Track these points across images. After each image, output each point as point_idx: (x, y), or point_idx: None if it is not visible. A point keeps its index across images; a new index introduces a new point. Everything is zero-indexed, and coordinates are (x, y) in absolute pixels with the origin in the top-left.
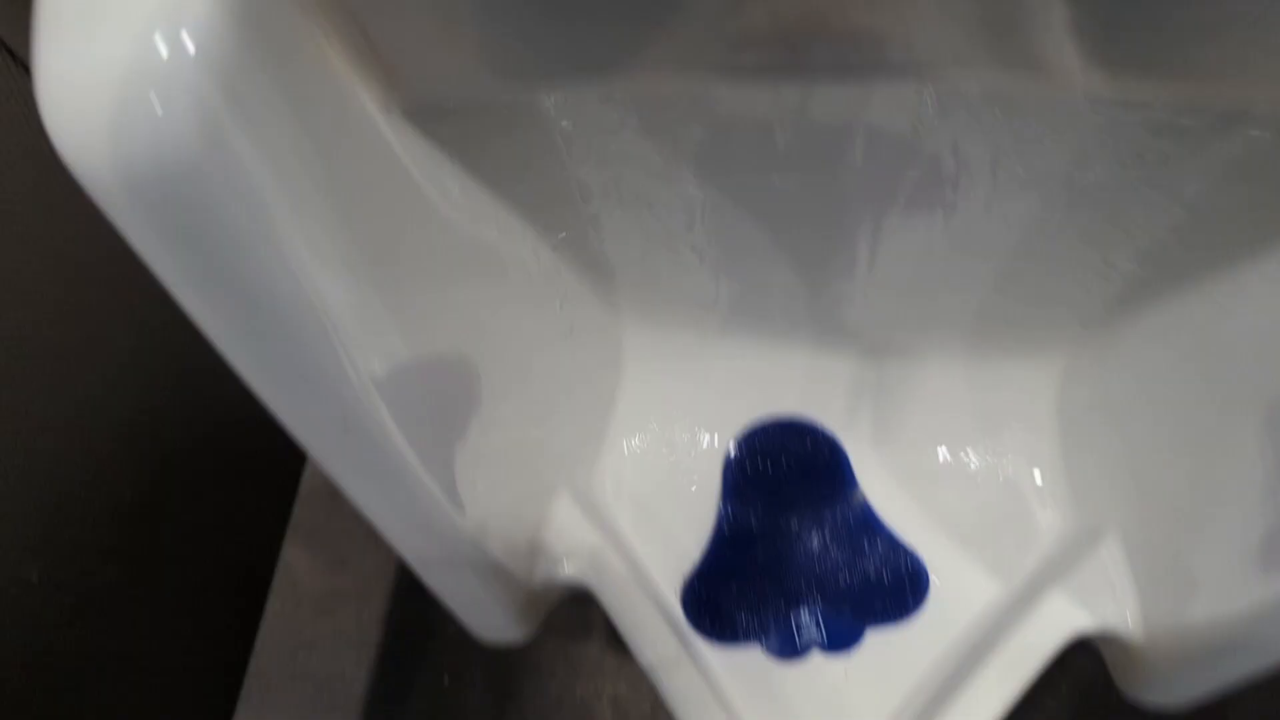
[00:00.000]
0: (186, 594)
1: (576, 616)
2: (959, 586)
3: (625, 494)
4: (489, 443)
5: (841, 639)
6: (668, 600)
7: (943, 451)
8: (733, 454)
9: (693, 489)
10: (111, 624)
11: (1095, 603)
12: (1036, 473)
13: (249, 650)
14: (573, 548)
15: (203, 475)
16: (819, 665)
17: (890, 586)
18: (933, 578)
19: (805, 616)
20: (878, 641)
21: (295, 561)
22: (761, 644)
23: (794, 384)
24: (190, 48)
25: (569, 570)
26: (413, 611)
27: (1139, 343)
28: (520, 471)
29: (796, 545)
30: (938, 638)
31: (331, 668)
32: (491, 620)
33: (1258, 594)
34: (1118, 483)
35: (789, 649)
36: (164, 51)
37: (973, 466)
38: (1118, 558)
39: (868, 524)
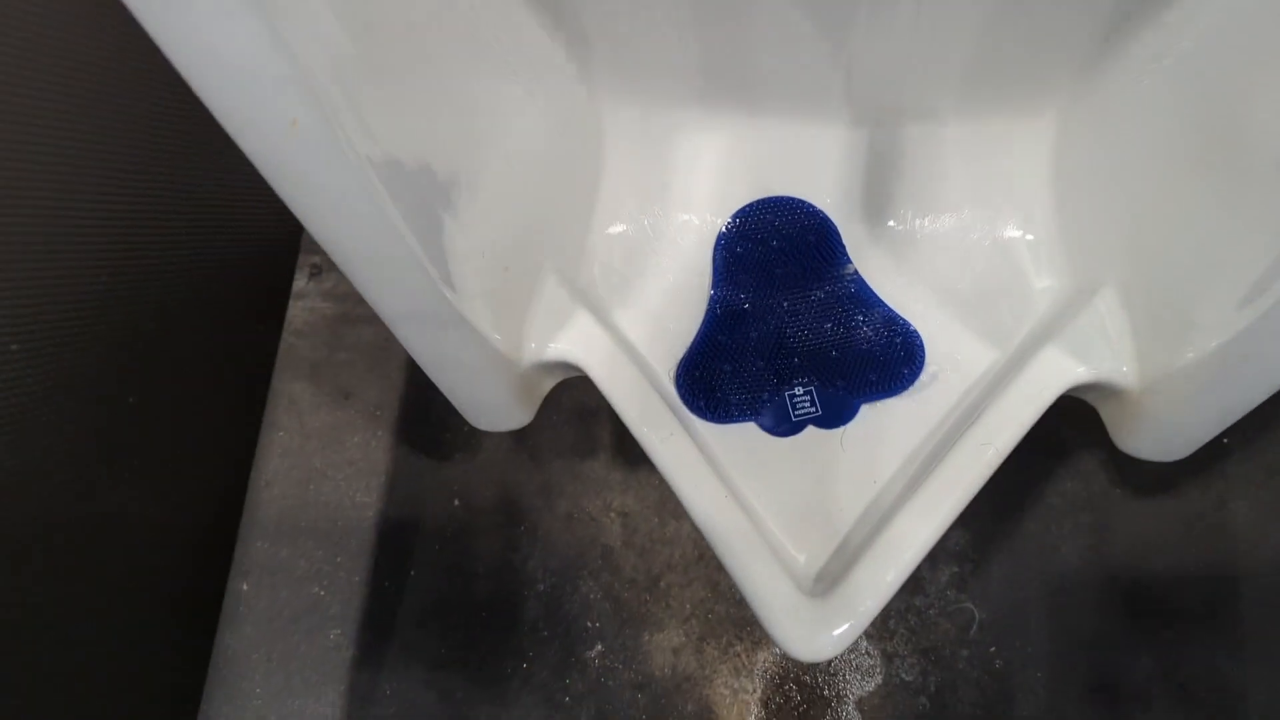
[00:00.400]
0: (191, 412)
1: (583, 436)
2: (954, 356)
3: (614, 279)
4: (474, 223)
5: (836, 413)
6: (661, 381)
7: (936, 220)
8: (722, 236)
9: (682, 272)
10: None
11: (1091, 354)
12: (1032, 236)
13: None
14: (561, 327)
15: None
16: (813, 438)
17: (885, 359)
18: (927, 348)
19: (800, 393)
20: (873, 414)
21: (299, 395)
22: (757, 421)
23: (781, 161)
24: None
25: (558, 348)
26: (420, 440)
27: (1131, 84)
28: (506, 253)
29: (789, 323)
30: (933, 406)
31: (343, 495)
32: (487, 403)
33: (1249, 321)
34: (1114, 236)
35: (783, 424)
36: None
37: (967, 233)
38: (1114, 309)
39: (861, 298)
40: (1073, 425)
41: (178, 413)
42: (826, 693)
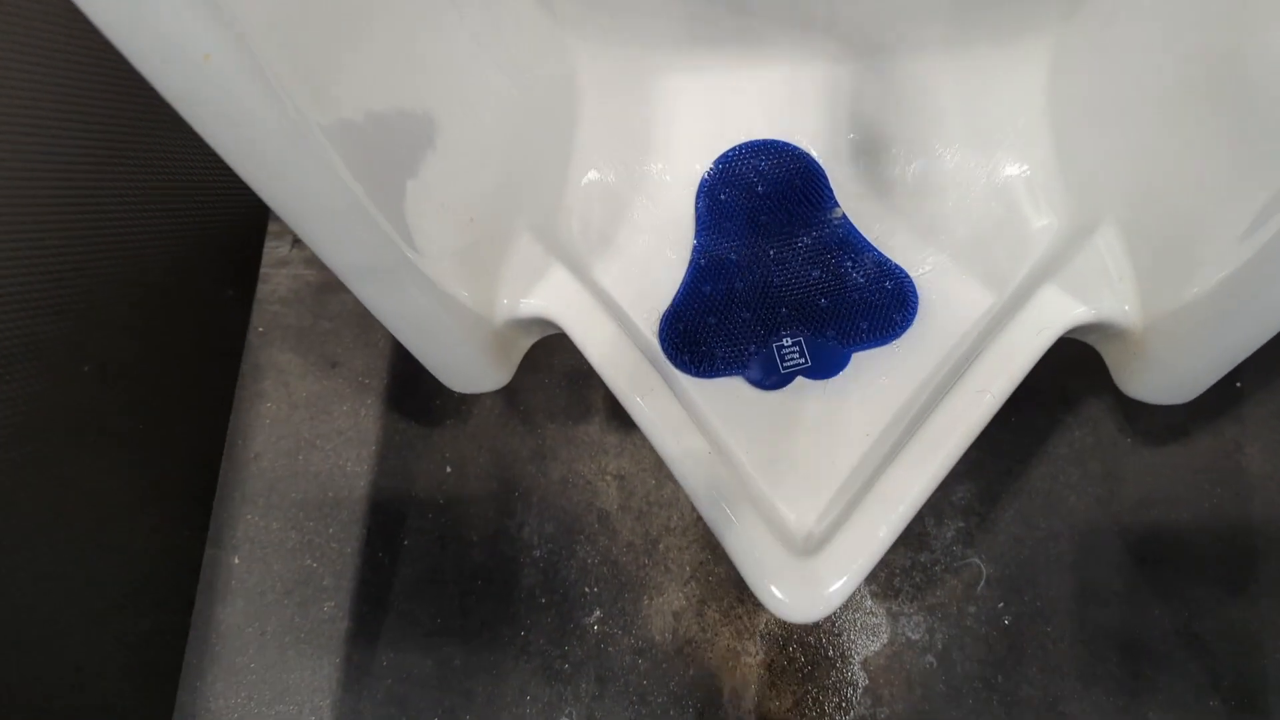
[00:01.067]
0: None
1: (576, 399)
2: (948, 302)
3: (592, 231)
4: (436, 177)
5: (826, 364)
6: (643, 336)
7: (928, 159)
8: (704, 182)
9: (664, 222)
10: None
11: (1091, 293)
12: (1029, 171)
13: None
14: (536, 282)
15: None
16: (803, 390)
17: (876, 306)
18: (921, 294)
19: (788, 344)
20: (865, 363)
21: (286, 365)
22: (744, 375)
23: (764, 102)
24: None
25: (532, 304)
26: (410, 407)
27: (1125, 7)
28: (471, 205)
29: (776, 272)
30: (927, 354)
31: (333, 464)
32: (460, 363)
33: (1251, 254)
34: (1114, 170)
35: (771, 376)
36: None
37: (960, 171)
38: (1114, 247)
39: (850, 243)
40: (1077, 373)
41: (147, 382)
42: (831, 653)
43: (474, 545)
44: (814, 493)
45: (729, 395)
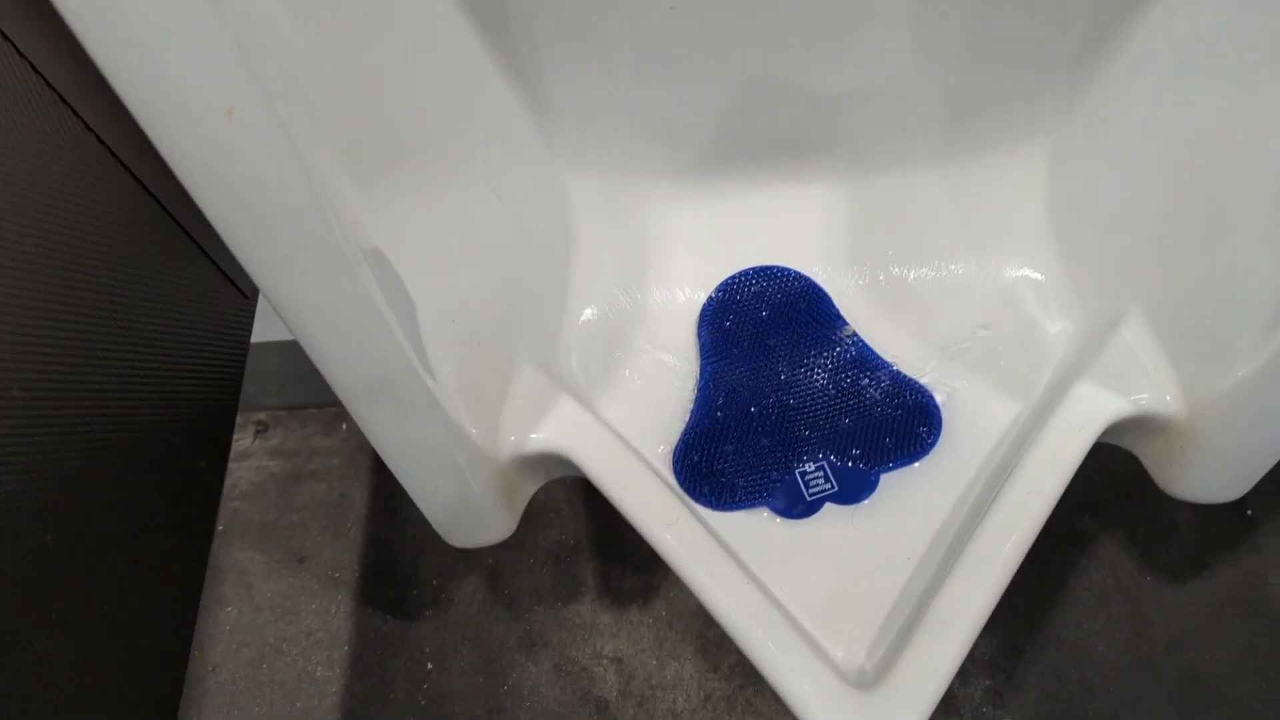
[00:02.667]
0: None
1: (564, 578)
2: (973, 414)
3: (593, 368)
4: (448, 299)
5: (855, 487)
6: (658, 471)
7: (932, 271)
8: (706, 311)
9: (668, 353)
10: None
11: (1128, 385)
12: (1036, 276)
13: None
14: (543, 415)
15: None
16: (834, 517)
17: (899, 424)
18: (944, 408)
19: (812, 469)
20: (895, 484)
21: (249, 565)
22: (768, 505)
23: (761, 228)
24: None
25: (541, 439)
26: (385, 600)
27: (1116, 104)
28: (481, 334)
29: (791, 395)
30: (959, 470)
31: (301, 670)
32: (463, 508)
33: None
34: (1128, 263)
35: (798, 506)
36: None
37: (966, 281)
38: (1143, 337)
39: (864, 360)
40: (1085, 510)
41: (103, 563)
42: None
43: None
44: (861, 626)
45: (754, 528)
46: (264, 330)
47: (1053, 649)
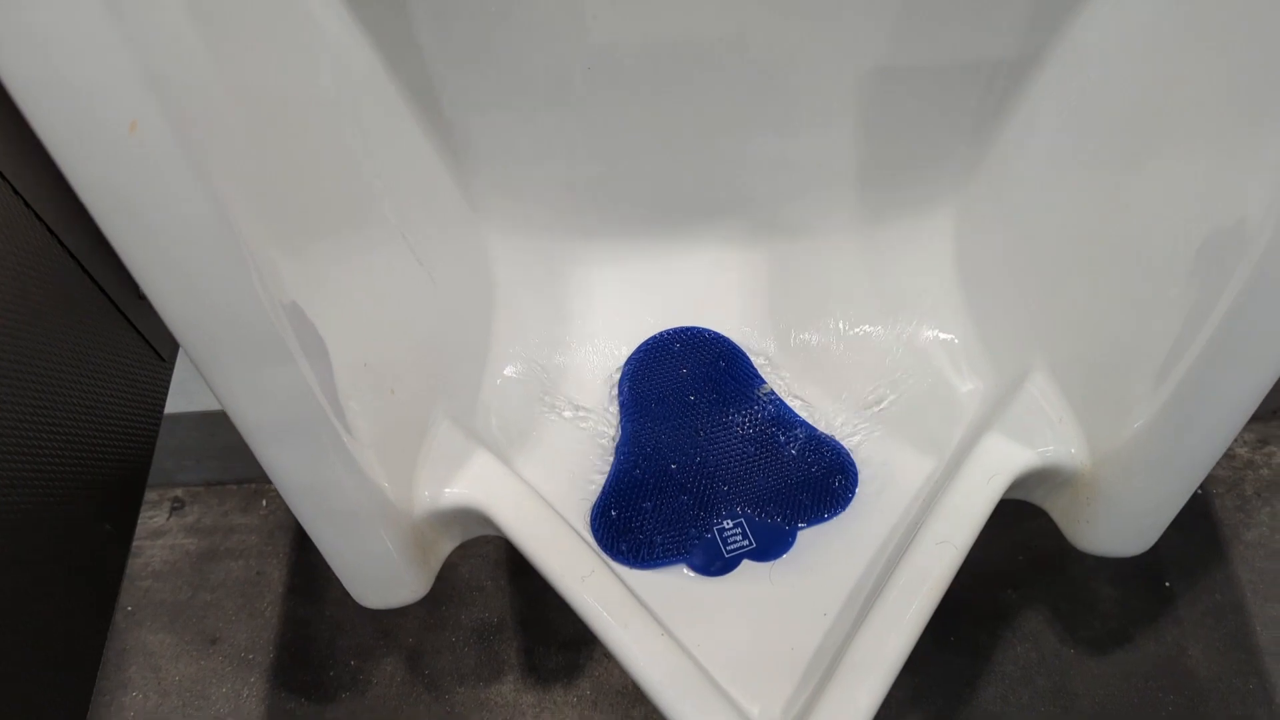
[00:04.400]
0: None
1: (486, 657)
2: (889, 472)
3: (511, 428)
4: (362, 341)
5: (772, 544)
6: (576, 528)
7: (846, 332)
8: (626, 370)
9: (587, 412)
10: None
11: (1035, 438)
12: (947, 337)
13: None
14: (458, 470)
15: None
16: (751, 574)
17: (816, 481)
18: (860, 466)
19: (730, 526)
20: (812, 541)
21: (157, 647)
22: (686, 562)
23: (680, 289)
24: None
25: (455, 493)
26: (299, 683)
27: (1013, 171)
28: (397, 382)
29: (710, 452)
30: (874, 526)
31: None
32: (375, 565)
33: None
34: (1032, 322)
35: (716, 563)
36: None
37: (879, 342)
38: (1048, 392)
39: (781, 418)
40: (1008, 584)
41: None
42: None
43: None
44: (778, 681)
45: (671, 585)
46: (181, 402)
47: None
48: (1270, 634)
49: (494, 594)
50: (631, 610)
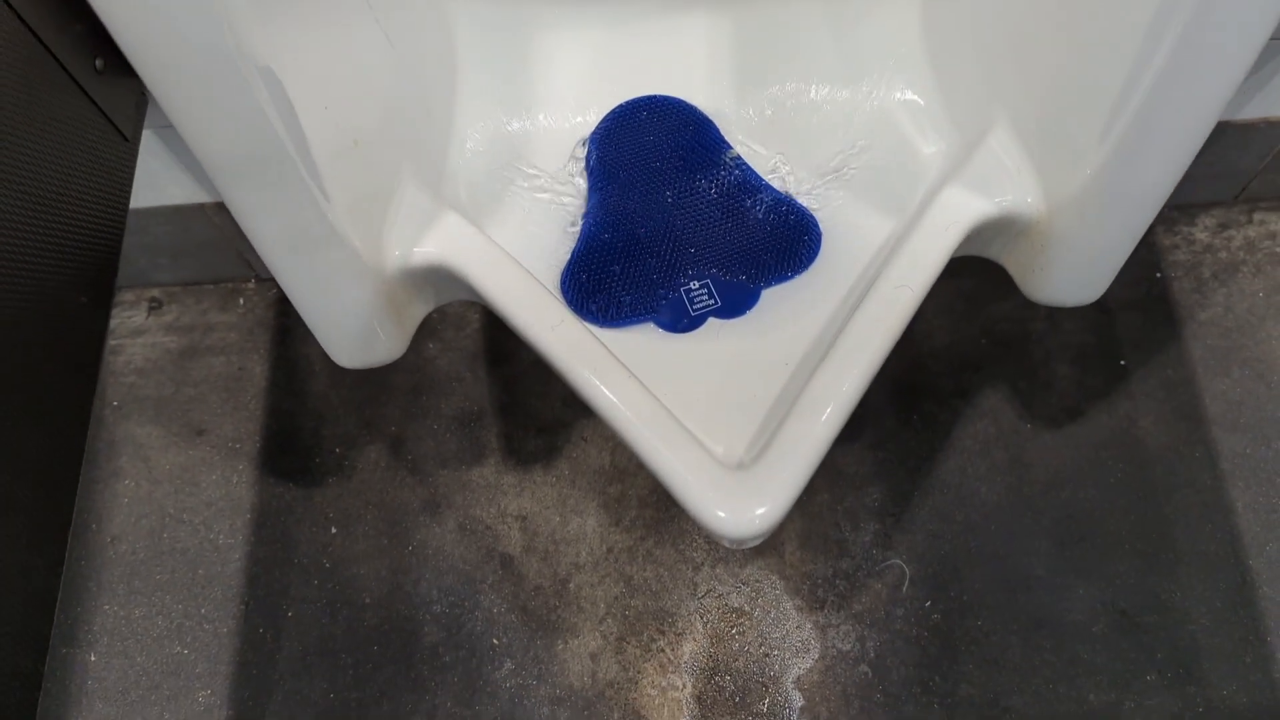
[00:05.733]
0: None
1: (468, 442)
2: (851, 232)
3: (480, 194)
4: (323, 86)
5: (736, 302)
6: (546, 286)
7: (813, 96)
8: (594, 137)
9: (554, 179)
10: None
11: (992, 187)
12: (912, 98)
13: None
14: (427, 229)
15: None
16: (717, 331)
17: (781, 241)
18: (823, 227)
19: (696, 286)
20: (776, 299)
21: (145, 439)
22: (654, 320)
23: (647, 56)
24: None
25: (426, 252)
26: (287, 468)
27: None
28: (360, 134)
29: (677, 216)
30: (835, 284)
31: (203, 539)
32: (350, 322)
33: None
34: (994, 78)
35: (682, 320)
36: None
37: (846, 107)
38: (1008, 144)
39: (747, 183)
40: (972, 367)
41: None
42: (761, 677)
43: (367, 608)
44: (740, 425)
45: (640, 343)
46: (151, 196)
47: (937, 494)
48: (1218, 406)
49: (473, 384)
50: (600, 355)
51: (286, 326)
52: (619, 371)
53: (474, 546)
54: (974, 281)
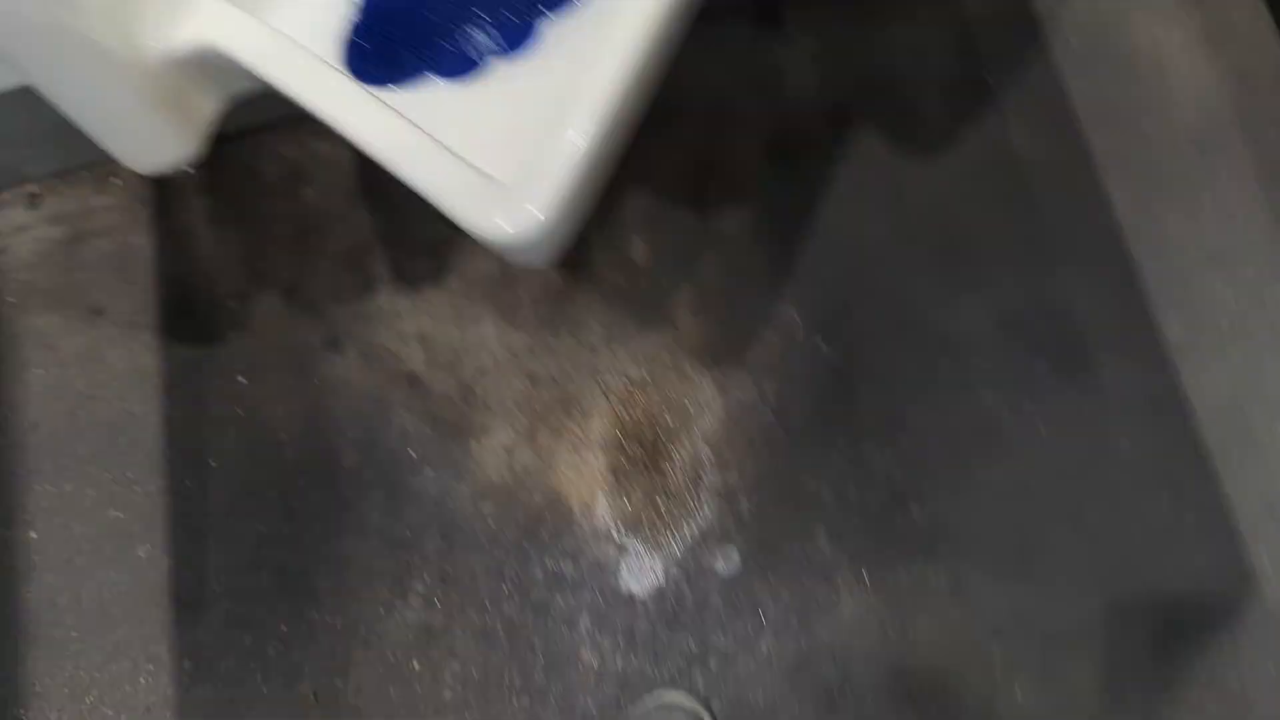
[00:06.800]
0: None
1: (357, 275)
2: None
3: None
4: None
5: (518, 39)
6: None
7: None
8: None
9: None
10: None
11: None
12: None
13: None
14: (186, 17)
15: None
16: (506, 74)
17: None
18: None
19: (475, 33)
20: (558, 32)
21: (46, 327)
22: (434, 70)
23: None
24: None
25: (188, 35)
26: (188, 331)
27: None
28: None
29: None
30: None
31: (118, 410)
32: (130, 121)
33: None
34: None
35: (465, 65)
36: None
37: None
38: None
39: None
40: (841, 117)
41: None
42: (669, 438)
43: (285, 445)
44: (526, 152)
45: (428, 101)
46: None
47: (822, 241)
48: (1088, 107)
49: (353, 220)
50: (390, 114)
51: (165, 198)
52: (403, 124)
53: (379, 371)
54: (840, 29)
